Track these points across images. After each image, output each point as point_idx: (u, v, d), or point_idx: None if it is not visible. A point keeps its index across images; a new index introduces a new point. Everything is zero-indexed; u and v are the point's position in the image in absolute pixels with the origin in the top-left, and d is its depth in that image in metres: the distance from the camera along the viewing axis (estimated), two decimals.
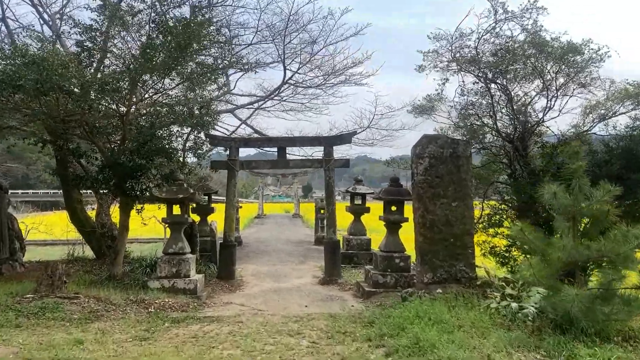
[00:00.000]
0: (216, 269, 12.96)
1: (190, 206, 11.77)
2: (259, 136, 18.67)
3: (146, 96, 11.66)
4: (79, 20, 10.59)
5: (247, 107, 19.45)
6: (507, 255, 12.42)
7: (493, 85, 13.09)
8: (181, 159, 12.76)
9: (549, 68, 12.61)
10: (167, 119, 11.13)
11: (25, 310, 7.71)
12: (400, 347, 5.76)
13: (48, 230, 19.24)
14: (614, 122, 12.82)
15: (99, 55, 11.07)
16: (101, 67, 11.42)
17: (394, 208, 10.80)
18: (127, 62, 10.44)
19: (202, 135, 13.10)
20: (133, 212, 11.65)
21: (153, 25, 10.49)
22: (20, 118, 11.04)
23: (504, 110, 13.33)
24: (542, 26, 12.35)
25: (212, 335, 6.83)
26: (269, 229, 30.21)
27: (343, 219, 17.02)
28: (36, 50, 10.24)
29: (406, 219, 10.61)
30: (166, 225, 12.45)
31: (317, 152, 16.79)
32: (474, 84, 13.40)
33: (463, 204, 8.55)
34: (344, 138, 14.52)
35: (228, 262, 12.68)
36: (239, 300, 10.13)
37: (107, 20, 10.41)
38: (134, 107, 11.24)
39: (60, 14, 15.75)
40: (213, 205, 16.07)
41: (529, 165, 12.26)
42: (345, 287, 11.50)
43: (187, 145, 13.10)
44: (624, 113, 12.64)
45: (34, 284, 8.81)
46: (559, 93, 12.82)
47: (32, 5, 15.62)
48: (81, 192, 14.29)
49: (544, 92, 12.85)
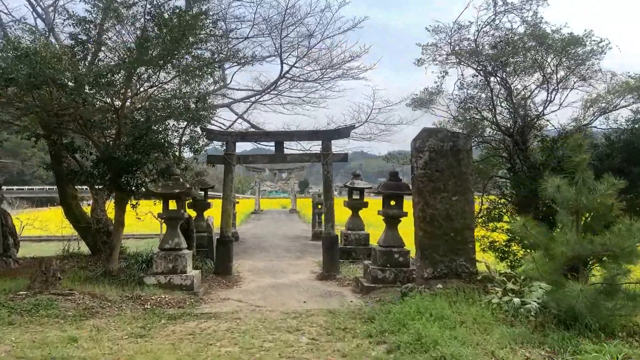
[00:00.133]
0: (213, 264, 12.86)
1: (187, 201, 11.65)
2: (256, 130, 18.49)
3: (141, 90, 11.51)
4: (73, 12, 10.46)
5: (243, 101, 19.23)
6: (506, 250, 12.34)
7: (492, 78, 12.96)
8: (177, 153, 12.61)
9: (549, 61, 12.48)
10: (162, 113, 10.98)
11: (18, 307, 7.57)
12: (402, 343, 5.66)
13: (43, 226, 19.12)
14: (615, 116, 12.76)
15: (93, 48, 10.92)
16: (95, 60, 11.24)
17: (393, 202, 10.75)
18: (121, 55, 10.28)
19: (198, 129, 12.94)
20: (128, 207, 11.51)
21: (148, 18, 10.33)
22: (13, 112, 10.87)
23: (503, 104, 13.21)
24: (542, 18, 12.25)
25: (209, 332, 6.73)
26: (266, 225, 30.07)
27: (341, 214, 16.91)
28: (29, 43, 10.08)
29: (405, 214, 10.54)
30: (162, 221, 12.32)
31: (314, 146, 16.65)
32: (473, 77, 13.31)
33: (463, 198, 8.44)
34: (342, 132, 14.39)
35: (225, 257, 12.57)
36: (236, 296, 10.01)
37: (102, 12, 10.26)
38: (129, 100, 11.07)
39: (53, 7, 15.51)
40: (209, 200, 15.96)
41: (529, 159, 12.15)
42: (344, 283, 11.41)
43: (183, 140, 12.92)
44: (625, 106, 12.53)
45: (28, 281, 8.66)
46: (559, 86, 12.70)
47: None
48: (76, 187, 14.15)
49: (544, 85, 12.72)
